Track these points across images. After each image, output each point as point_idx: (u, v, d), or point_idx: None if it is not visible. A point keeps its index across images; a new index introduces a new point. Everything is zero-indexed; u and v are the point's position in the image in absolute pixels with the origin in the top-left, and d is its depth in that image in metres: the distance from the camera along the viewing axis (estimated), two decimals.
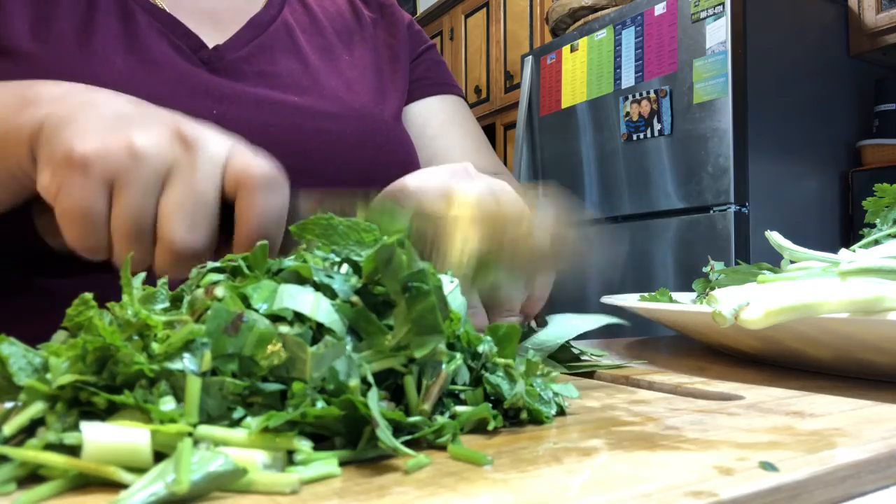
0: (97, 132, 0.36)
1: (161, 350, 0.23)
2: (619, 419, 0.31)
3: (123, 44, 0.59)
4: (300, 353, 0.24)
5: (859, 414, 0.32)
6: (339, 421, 0.24)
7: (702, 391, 0.37)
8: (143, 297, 0.29)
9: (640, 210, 2.15)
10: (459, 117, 0.80)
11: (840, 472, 0.24)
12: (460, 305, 0.30)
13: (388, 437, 0.23)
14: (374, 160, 0.66)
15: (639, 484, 0.21)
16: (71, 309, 0.26)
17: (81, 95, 0.40)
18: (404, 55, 0.77)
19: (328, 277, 0.28)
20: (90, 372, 0.23)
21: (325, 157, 0.63)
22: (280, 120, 0.61)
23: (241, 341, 0.24)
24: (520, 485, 0.21)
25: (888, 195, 0.57)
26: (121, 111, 0.38)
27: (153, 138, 0.36)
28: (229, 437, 0.22)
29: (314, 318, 0.25)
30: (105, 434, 0.21)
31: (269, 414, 0.22)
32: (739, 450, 0.25)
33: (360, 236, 0.30)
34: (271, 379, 0.24)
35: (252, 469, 0.21)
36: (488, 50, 3.61)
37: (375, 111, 0.69)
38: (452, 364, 0.28)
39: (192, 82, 0.59)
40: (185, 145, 0.37)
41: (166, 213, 0.36)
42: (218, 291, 0.26)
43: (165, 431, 0.21)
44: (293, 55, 0.68)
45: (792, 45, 2.03)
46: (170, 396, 0.23)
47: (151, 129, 0.37)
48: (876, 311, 0.38)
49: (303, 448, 0.23)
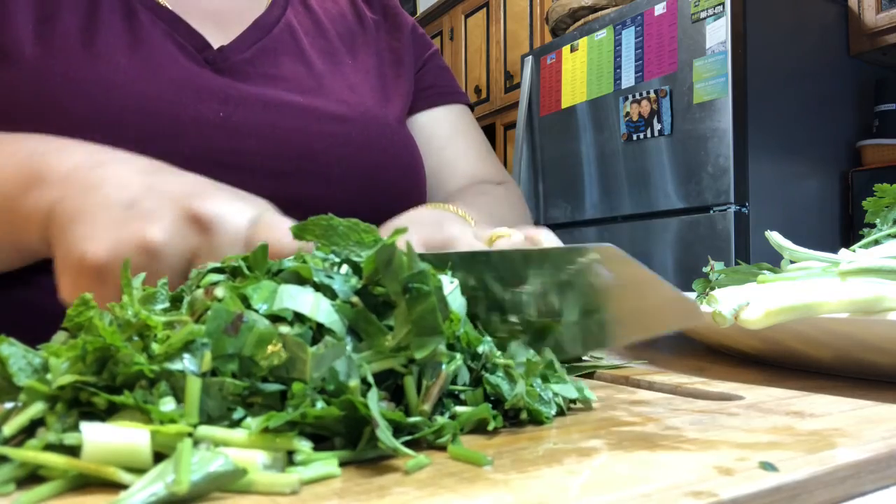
0: (107, 230, 0.35)
1: (161, 350, 0.23)
2: (619, 419, 0.31)
3: (127, 43, 0.58)
4: (300, 353, 0.24)
5: (859, 414, 0.32)
6: (338, 421, 0.24)
7: (702, 391, 0.37)
8: (143, 298, 0.29)
9: (640, 210, 2.15)
10: (464, 127, 0.81)
11: (840, 472, 0.24)
12: (460, 306, 0.30)
13: (389, 438, 0.23)
14: (379, 162, 0.66)
15: (639, 484, 0.21)
16: (71, 309, 0.26)
17: (90, 174, 0.38)
18: (408, 59, 0.78)
19: (328, 278, 0.27)
20: (90, 372, 0.23)
21: (331, 158, 0.63)
22: (286, 122, 0.61)
23: (241, 342, 0.24)
24: (520, 485, 0.21)
25: (888, 195, 0.57)
26: (130, 194, 0.37)
27: (167, 230, 0.35)
28: (229, 437, 0.22)
29: (314, 318, 0.25)
30: (105, 434, 0.21)
31: (269, 414, 0.22)
32: (739, 450, 0.25)
33: (361, 237, 0.30)
34: (271, 379, 0.24)
35: (252, 469, 0.21)
36: (488, 50, 3.61)
37: (379, 114, 0.69)
38: (452, 364, 0.27)
39: (198, 84, 0.59)
40: (201, 229, 0.35)
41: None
42: (218, 292, 0.26)
43: (165, 432, 0.21)
44: (297, 58, 0.68)
45: (792, 45, 2.03)
46: (170, 397, 0.23)
47: (163, 215, 0.35)
48: (876, 311, 0.38)
49: (303, 448, 0.23)
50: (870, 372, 0.42)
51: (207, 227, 0.36)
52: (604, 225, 2.28)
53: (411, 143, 0.73)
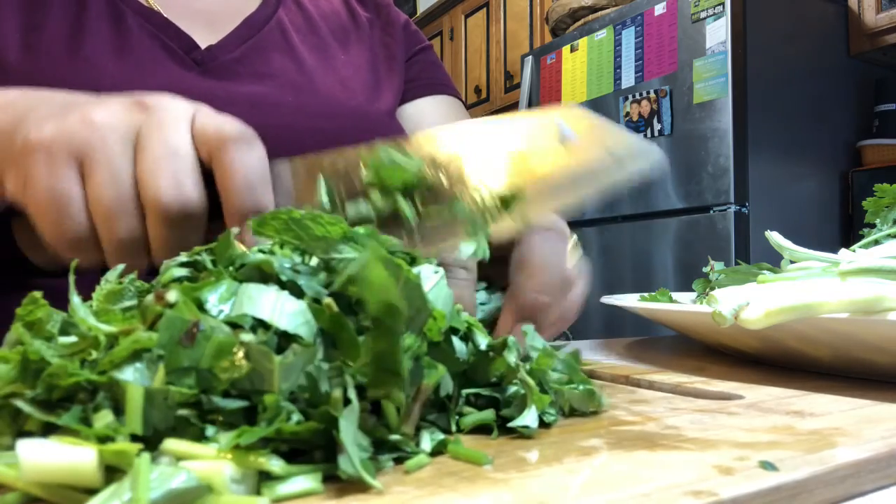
0: (51, 118, 0.34)
1: (106, 361, 0.21)
2: (619, 419, 0.31)
3: (115, 48, 0.58)
4: (266, 363, 0.22)
5: (859, 413, 0.32)
6: (317, 434, 0.22)
7: (702, 390, 0.37)
8: (107, 294, 0.27)
9: (640, 210, 2.15)
10: (453, 117, 0.79)
11: (840, 471, 0.24)
12: (445, 298, 0.27)
13: (353, 466, 0.21)
14: None
15: (639, 484, 0.21)
16: (21, 308, 0.25)
17: (29, 96, 0.39)
18: (400, 54, 0.77)
19: (294, 272, 0.25)
20: (29, 384, 0.22)
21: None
22: (276, 120, 0.61)
23: (197, 353, 0.22)
24: (520, 484, 0.21)
25: (888, 195, 0.57)
26: (73, 99, 0.37)
27: (111, 110, 0.34)
28: (192, 451, 0.20)
29: (275, 325, 0.23)
30: (45, 453, 0.19)
31: (241, 429, 0.20)
32: (739, 449, 0.25)
33: (326, 229, 0.26)
34: (234, 393, 0.22)
35: (221, 487, 0.19)
36: (488, 50, 3.61)
37: (371, 109, 0.69)
38: (434, 377, 0.25)
39: (185, 87, 0.59)
40: (145, 110, 0.35)
41: (146, 175, 0.33)
42: (170, 296, 0.24)
43: (108, 450, 0.19)
44: (287, 55, 0.68)
45: (792, 45, 2.03)
46: (107, 410, 0.21)
47: (107, 104, 0.35)
48: (876, 311, 0.38)
49: (275, 469, 0.20)
50: (870, 372, 0.42)
51: (152, 108, 0.35)
52: (604, 225, 2.28)
53: (403, 136, 0.72)
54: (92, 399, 0.21)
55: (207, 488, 0.19)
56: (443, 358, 0.26)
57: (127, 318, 0.25)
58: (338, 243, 0.26)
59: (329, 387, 0.22)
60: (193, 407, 0.22)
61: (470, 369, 0.28)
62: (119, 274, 0.28)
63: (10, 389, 0.22)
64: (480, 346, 0.28)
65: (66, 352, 0.23)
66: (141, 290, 0.28)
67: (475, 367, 0.28)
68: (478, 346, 0.28)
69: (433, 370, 0.25)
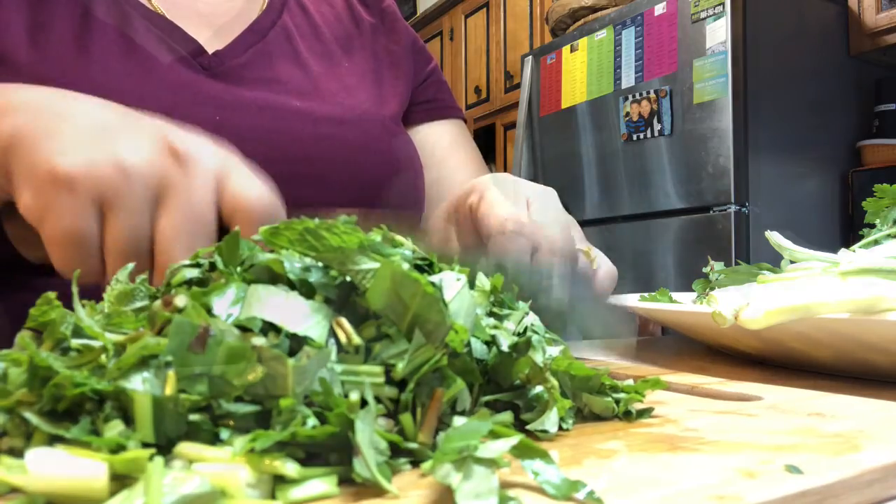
0: (81, 147, 0.34)
1: (114, 369, 0.21)
2: (637, 420, 0.30)
3: (122, 49, 0.58)
4: (279, 367, 0.21)
5: (882, 415, 0.31)
6: (333, 437, 0.21)
7: (719, 392, 0.36)
8: (118, 295, 0.27)
9: (640, 210, 2.15)
10: (462, 141, 0.83)
11: (867, 475, 0.23)
12: (468, 308, 0.26)
13: (369, 469, 0.20)
14: (376, 164, 0.66)
15: (661, 487, 0.21)
16: (34, 309, 0.24)
17: (59, 104, 0.38)
18: (407, 66, 0.78)
19: (305, 271, 0.25)
20: (37, 392, 0.21)
21: (328, 162, 0.63)
22: (282, 126, 0.61)
23: (209, 358, 0.21)
24: (539, 488, 0.21)
25: (888, 195, 0.57)
26: (103, 122, 0.36)
27: (143, 153, 0.34)
28: (205, 454, 0.20)
29: (285, 328, 0.23)
30: (54, 466, 0.18)
31: (256, 433, 0.20)
32: (762, 452, 0.25)
33: (342, 240, 0.25)
34: (247, 398, 0.22)
35: (236, 492, 0.19)
36: (488, 50, 3.61)
37: (376, 115, 0.69)
38: (453, 390, 0.24)
39: (193, 89, 0.58)
40: (176, 159, 0.35)
41: (165, 236, 0.34)
42: (178, 301, 0.23)
43: (119, 460, 0.19)
44: (293, 61, 0.68)
45: (792, 45, 2.03)
46: (117, 420, 0.20)
47: (139, 141, 0.35)
48: (876, 311, 0.38)
49: (290, 473, 0.20)
50: (871, 372, 0.42)
51: (183, 160, 0.35)
52: (604, 225, 2.28)
53: (409, 142, 0.73)
54: (100, 408, 0.21)
55: (221, 493, 0.18)
56: (462, 370, 0.25)
57: (140, 320, 0.25)
58: (355, 254, 0.25)
59: (343, 389, 0.22)
60: (205, 411, 0.21)
61: (492, 370, 0.27)
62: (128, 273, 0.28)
63: (20, 396, 0.21)
64: (502, 347, 0.27)
65: (72, 363, 0.22)
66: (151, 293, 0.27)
67: (497, 369, 0.27)
68: (500, 346, 0.27)
69: (453, 382, 0.24)
